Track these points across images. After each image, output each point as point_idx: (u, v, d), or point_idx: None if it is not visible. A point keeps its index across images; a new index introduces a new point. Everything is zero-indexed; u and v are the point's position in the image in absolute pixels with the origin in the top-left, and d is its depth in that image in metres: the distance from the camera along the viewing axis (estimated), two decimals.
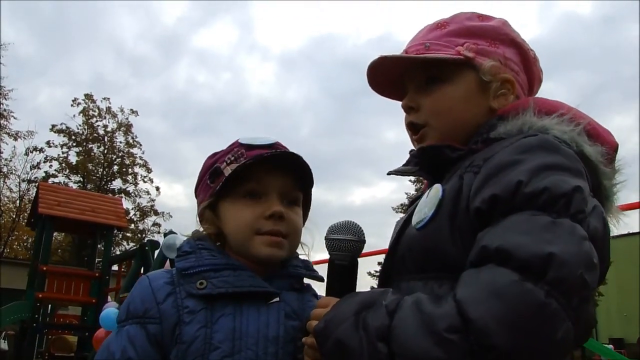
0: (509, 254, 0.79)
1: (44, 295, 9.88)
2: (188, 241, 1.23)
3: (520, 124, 1.02)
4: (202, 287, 1.12)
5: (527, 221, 0.82)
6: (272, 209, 1.18)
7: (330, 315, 0.93)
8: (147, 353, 1.09)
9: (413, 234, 1.01)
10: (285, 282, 1.23)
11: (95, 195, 13.93)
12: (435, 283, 0.95)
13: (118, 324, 1.15)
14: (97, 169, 33.60)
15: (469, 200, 0.92)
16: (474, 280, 0.81)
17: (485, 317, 0.75)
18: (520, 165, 0.88)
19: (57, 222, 10.72)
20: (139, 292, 1.16)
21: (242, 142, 1.24)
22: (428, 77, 1.14)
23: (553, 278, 0.76)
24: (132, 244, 33.73)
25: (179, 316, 1.11)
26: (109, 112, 33.28)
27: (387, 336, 0.83)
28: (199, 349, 1.08)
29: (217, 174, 1.22)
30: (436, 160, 1.09)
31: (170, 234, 7.52)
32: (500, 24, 1.17)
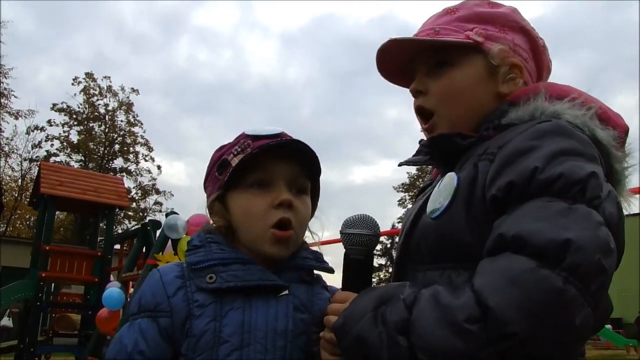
0: (524, 241, 0.79)
1: (47, 275, 9.94)
2: (198, 234, 1.24)
3: (532, 109, 1.01)
4: (211, 281, 1.13)
5: (543, 208, 0.82)
6: (280, 197, 1.18)
7: (349, 311, 0.93)
8: (158, 346, 1.11)
9: (428, 222, 1.01)
10: (295, 274, 1.23)
11: (97, 175, 13.91)
12: (453, 272, 0.94)
13: (130, 317, 1.17)
14: (98, 148, 33.59)
15: (484, 188, 0.92)
16: (491, 268, 0.80)
17: (502, 305, 0.75)
18: (535, 152, 0.87)
19: (59, 202, 10.73)
20: (149, 286, 1.17)
21: (248, 133, 1.24)
22: (437, 62, 1.13)
23: (570, 264, 0.75)
24: (134, 223, 33.86)
25: (189, 310, 1.12)
26: (110, 90, 33.18)
27: (407, 329, 0.83)
28: (208, 342, 1.10)
29: (225, 165, 1.22)
30: (447, 149, 1.09)
31: (171, 214, 7.55)
32: (509, 11, 1.16)
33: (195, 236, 1.24)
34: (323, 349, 1.05)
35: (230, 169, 1.19)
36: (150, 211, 35.39)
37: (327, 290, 1.30)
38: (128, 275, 8.11)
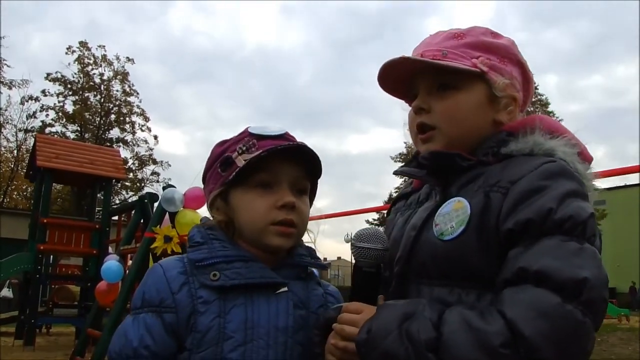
0: (547, 276, 0.90)
1: (45, 247, 10.00)
2: (199, 231, 1.25)
3: (531, 144, 1.12)
4: (215, 278, 1.15)
5: (559, 247, 0.94)
6: (284, 199, 1.21)
7: (375, 327, 0.99)
8: (164, 341, 1.13)
9: (437, 243, 1.08)
10: (292, 271, 1.27)
11: (93, 147, 13.89)
12: (462, 291, 1.04)
13: (133, 311, 1.18)
14: (94, 118, 33.36)
15: (498, 219, 1.02)
16: (519, 300, 0.91)
17: (535, 335, 0.86)
18: (547, 192, 0.99)
19: (56, 174, 10.73)
20: (153, 281, 1.18)
21: (252, 131, 1.25)
22: (441, 83, 1.19)
23: (586, 299, 0.89)
24: (131, 193, 33.90)
25: (193, 306, 1.14)
26: (105, 60, 32.77)
27: (436, 347, 0.91)
28: (213, 338, 1.13)
29: (229, 163, 1.23)
30: (445, 167, 1.16)
31: (169, 187, 7.54)
32: (510, 44, 1.24)
33: (196, 232, 1.25)
34: (331, 354, 1.10)
35: (236, 167, 1.21)
36: (148, 181, 35.42)
37: (320, 285, 1.34)
38: (126, 248, 8.13)
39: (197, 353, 1.13)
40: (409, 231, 1.17)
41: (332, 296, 1.35)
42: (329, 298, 1.33)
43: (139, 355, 1.12)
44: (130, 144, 34.56)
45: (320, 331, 1.17)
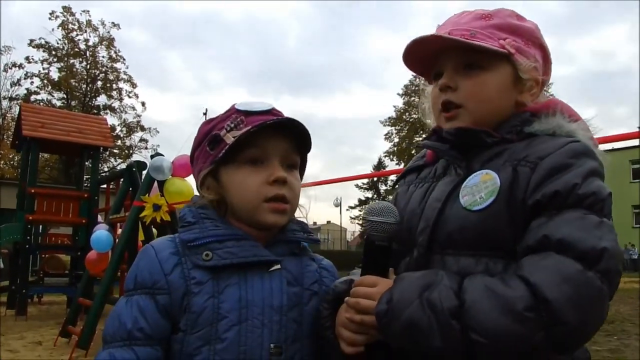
0: (570, 245, 0.95)
1: (34, 218, 9.96)
2: (190, 210, 1.24)
3: (554, 125, 1.17)
4: (208, 258, 1.15)
5: (582, 219, 0.99)
6: (275, 174, 1.21)
7: (395, 297, 1.02)
8: (157, 322, 1.13)
9: (465, 214, 1.11)
10: (285, 247, 1.27)
11: (79, 115, 13.72)
12: (490, 260, 1.07)
13: (126, 293, 1.18)
14: (80, 85, 32.95)
15: (525, 192, 1.06)
16: (542, 266, 0.95)
17: (560, 299, 0.91)
18: (573, 169, 1.05)
19: (42, 144, 10.63)
20: (145, 263, 1.17)
21: (239, 108, 1.24)
22: (468, 62, 1.22)
23: (604, 268, 0.94)
24: (120, 161, 33.74)
25: (186, 287, 1.14)
26: (90, 25, 32.23)
27: (459, 314, 0.95)
28: (208, 318, 1.12)
29: (217, 141, 1.22)
30: (470, 143, 1.20)
31: (156, 155, 7.50)
32: (534, 27, 1.28)
33: (187, 212, 1.24)
34: (345, 328, 1.12)
35: (225, 145, 1.20)
36: (136, 148, 35.24)
37: (314, 260, 1.33)
38: (116, 217, 8.12)
39: (192, 334, 1.13)
40: (433, 203, 1.18)
41: (326, 270, 1.34)
42: (323, 272, 1.32)
43: (133, 337, 1.11)
44: (117, 111, 34.29)
45: (329, 305, 1.18)
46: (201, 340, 1.12)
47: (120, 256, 7.32)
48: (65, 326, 7.42)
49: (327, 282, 1.30)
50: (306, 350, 1.22)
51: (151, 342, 1.12)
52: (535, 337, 0.91)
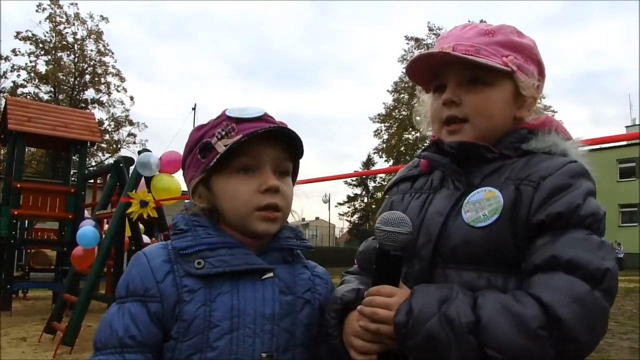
0: (578, 265, 1.00)
1: (19, 212, 9.85)
2: (183, 218, 1.23)
3: (550, 143, 1.22)
4: (200, 266, 1.14)
5: (586, 240, 1.05)
6: (267, 183, 1.21)
7: (415, 310, 1.04)
8: (149, 330, 1.13)
9: (468, 230, 1.14)
10: (278, 255, 1.26)
11: (66, 109, 13.52)
12: (491, 275, 1.11)
13: (118, 300, 1.17)
14: (68, 79, 32.63)
15: (529, 210, 1.10)
16: (553, 286, 1.00)
17: (572, 318, 0.95)
18: (573, 189, 1.10)
19: (28, 138, 10.49)
20: (137, 270, 1.17)
21: (230, 115, 1.23)
22: (472, 77, 1.25)
23: (607, 287, 1.00)
24: (108, 155, 33.49)
25: (178, 295, 1.13)
26: (78, 18, 31.87)
27: (476, 330, 0.98)
28: (199, 326, 1.12)
29: (209, 149, 1.21)
30: (470, 157, 1.23)
31: (144, 151, 7.46)
32: (532, 43, 1.32)
33: (180, 219, 1.23)
34: (357, 337, 1.13)
35: (216, 154, 1.20)
36: (124, 143, 34.98)
37: (307, 268, 1.33)
38: (102, 213, 8.07)
39: (184, 342, 1.12)
40: (435, 216, 1.21)
41: (319, 278, 1.33)
42: (317, 280, 1.32)
43: (125, 345, 1.11)
44: (105, 105, 33.98)
45: (336, 314, 1.19)
46: (192, 349, 1.12)
47: (107, 252, 7.28)
48: (50, 322, 7.37)
49: (320, 290, 1.30)
50: (299, 358, 1.22)
51: (142, 349, 1.12)
52: (546, 354, 0.96)
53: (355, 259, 1.48)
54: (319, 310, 1.26)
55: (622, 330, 8.65)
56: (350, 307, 1.17)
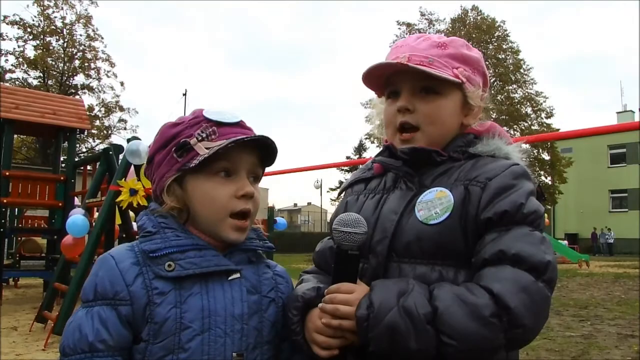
0: (523, 259, 1.11)
1: (8, 201, 9.78)
2: (150, 219, 1.23)
3: (494, 147, 1.32)
4: (170, 269, 1.15)
5: (529, 235, 1.15)
6: (244, 189, 1.23)
7: (376, 304, 1.11)
8: (119, 333, 1.12)
9: (422, 227, 1.23)
10: (243, 256, 1.28)
11: (55, 96, 13.36)
12: (442, 269, 1.20)
13: (85, 303, 1.15)
14: (57, 64, 32.25)
15: (477, 209, 1.20)
16: (502, 277, 1.09)
17: (519, 306, 1.05)
18: (517, 189, 1.20)
19: (17, 126, 10.39)
20: (105, 273, 1.15)
21: (209, 117, 1.24)
22: (425, 86, 1.32)
23: (549, 277, 1.11)
24: (98, 141, 33.28)
25: (148, 297, 1.13)
26: (66, 2, 31.40)
27: (433, 320, 1.06)
28: (171, 328, 1.13)
29: (187, 149, 1.21)
30: (421, 161, 1.32)
31: (133, 139, 7.39)
32: (479, 56, 1.41)
33: (147, 220, 1.23)
34: (320, 333, 1.18)
35: (195, 154, 1.21)
36: (115, 129, 34.74)
37: (269, 267, 1.36)
38: (92, 202, 8.03)
39: (155, 344, 1.13)
40: (389, 214, 1.29)
41: (280, 277, 1.36)
42: (278, 279, 1.35)
43: (95, 349, 1.10)
44: (95, 90, 33.67)
45: (298, 312, 1.23)
46: (164, 350, 1.13)
47: (97, 241, 7.25)
48: (40, 311, 7.36)
49: (282, 289, 1.34)
50: (266, 355, 1.25)
51: (113, 352, 1.11)
52: (497, 339, 1.06)
53: (313, 257, 1.53)
54: (282, 308, 1.29)
55: (610, 317, 8.76)
56: (311, 305, 1.23)
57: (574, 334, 7.20)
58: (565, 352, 6.09)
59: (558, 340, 6.78)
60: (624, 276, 16.75)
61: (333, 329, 1.16)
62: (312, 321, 1.21)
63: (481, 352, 1.08)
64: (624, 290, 12.91)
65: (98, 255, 7.91)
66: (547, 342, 6.61)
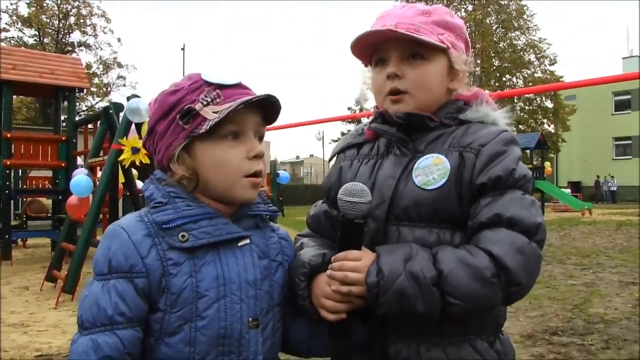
0: (517, 221, 1.18)
1: (11, 163, 9.79)
2: (158, 189, 1.22)
3: (483, 114, 1.39)
4: (184, 239, 1.15)
5: (522, 199, 1.23)
6: (255, 149, 1.24)
7: (385, 269, 1.17)
8: (137, 305, 1.13)
9: (420, 192, 1.29)
10: (251, 221, 1.29)
11: (52, 55, 13.16)
12: (440, 231, 1.27)
13: (99, 277, 1.15)
14: (52, 22, 31.74)
15: (472, 174, 1.26)
16: (499, 240, 1.17)
17: (516, 266, 1.14)
18: (508, 155, 1.27)
19: (15, 86, 10.29)
20: (119, 246, 1.15)
21: (210, 80, 1.22)
22: (412, 53, 1.36)
23: (540, 238, 1.20)
24: (98, 99, 33.07)
25: (163, 268, 1.14)
26: None
27: (438, 282, 1.13)
28: (188, 297, 1.14)
29: (194, 115, 1.19)
30: (415, 126, 1.37)
31: (133, 97, 7.32)
32: (462, 24, 1.47)
33: (155, 191, 1.21)
34: (328, 298, 1.23)
35: (203, 119, 1.19)
36: (114, 86, 34.48)
37: (274, 231, 1.37)
38: (95, 161, 8.03)
39: (172, 313, 1.14)
40: (387, 180, 1.34)
41: (285, 240, 1.38)
42: (283, 243, 1.36)
43: (115, 322, 1.11)
44: (93, 47, 33.25)
45: (305, 278, 1.27)
46: (182, 319, 1.14)
47: (101, 200, 7.29)
48: (50, 271, 7.47)
49: (287, 252, 1.35)
50: (276, 318, 1.28)
51: (132, 324, 1.12)
52: (497, 297, 1.15)
53: (307, 221, 1.56)
54: (288, 271, 1.32)
55: (612, 264, 8.86)
56: (316, 271, 1.27)
57: (576, 282, 7.30)
58: (567, 301, 6.18)
59: (560, 288, 6.89)
60: (627, 224, 16.86)
61: (342, 294, 1.21)
62: (319, 287, 1.25)
63: (482, 309, 1.20)
64: (626, 237, 13.02)
65: (103, 214, 8.00)
66: (549, 291, 6.71)
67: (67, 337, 4.93)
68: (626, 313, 5.52)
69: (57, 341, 4.83)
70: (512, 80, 36.19)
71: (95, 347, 1.09)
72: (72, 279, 6.57)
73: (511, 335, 4.59)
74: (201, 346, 1.15)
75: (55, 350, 4.55)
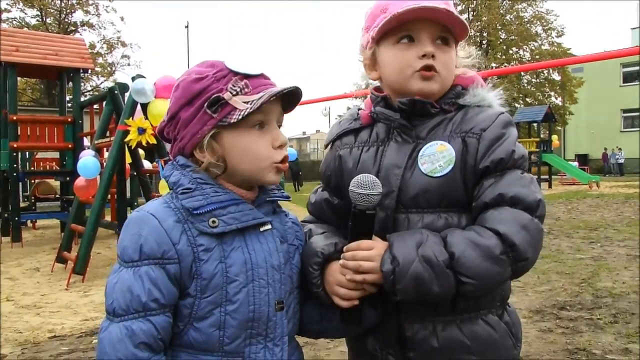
0: (519, 199, 1.24)
1: (19, 145, 9.82)
2: (184, 174, 1.23)
3: (479, 98, 1.41)
4: (215, 225, 1.18)
5: (522, 178, 1.29)
6: (280, 139, 1.28)
7: (399, 257, 1.21)
8: (170, 291, 1.15)
9: (427, 180, 1.32)
10: (270, 207, 1.33)
11: (55, 36, 13.06)
12: (448, 215, 1.32)
13: (129, 263, 1.16)
14: (54, 1, 31.50)
15: (475, 159, 1.31)
16: (504, 218, 1.22)
17: (522, 242, 1.19)
18: (507, 137, 1.33)
19: (19, 68, 10.25)
20: (150, 232, 1.16)
21: (236, 70, 1.24)
22: (441, 37, 1.39)
23: (541, 214, 1.26)
24: (103, 79, 32.99)
25: (194, 254, 1.17)
26: None
27: (450, 264, 1.18)
28: (219, 283, 1.17)
29: (223, 104, 1.21)
30: (418, 112, 1.39)
31: (138, 77, 7.29)
32: None
33: (181, 177, 1.23)
34: (341, 286, 1.27)
35: (233, 109, 1.21)
36: (119, 65, 34.35)
37: (287, 216, 1.40)
38: (101, 142, 8.04)
39: (203, 298, 1.17)
40: (392, 169, 1.36)
41: (296, 224, 1.42)
42: (295, 227, 1.40)
43: (149, 308, 1.12)
44: (96, 27, 33.05)
45: (318, 266, 1.31)
46: (212, 304, 1.17)
47: (109, 181, 7.31)
48: (60, 252, 7.54)
49: (300, 236, 1.40)
50: (297, 299, 1.33)
51: (165, 310, 1.15)
52: (506, 272, 1.21)
53: (308, 208, 1.60)
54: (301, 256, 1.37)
55: (619, 238, 8.84)
56: (329, 259, 1.30)
57: (584, 256, 7.31)
58: (575, 275, 6.20)
59: (568, 262, 6.90)
60: (635, 196, 16.76)
61: (356, 283, 1.25)
62: (332, 275, 1.29)
63: (493, 285, 1.27)
64: (634, 210, 12.97)
65: (111, 195, 8.04)
66: (557, 265, 6.73)
67: (79, 318, 5.02)
68: (634, 287, 5.52)
69: (69, 322, 4.91)
70: (518, 53, 35.81)
71: (130, 334, 1.10)
72: (82, 260, 6.63)
73: (519, 310, 4.63)
74: (231, 330, 1.18)
75: (68, 331, 4.61)
